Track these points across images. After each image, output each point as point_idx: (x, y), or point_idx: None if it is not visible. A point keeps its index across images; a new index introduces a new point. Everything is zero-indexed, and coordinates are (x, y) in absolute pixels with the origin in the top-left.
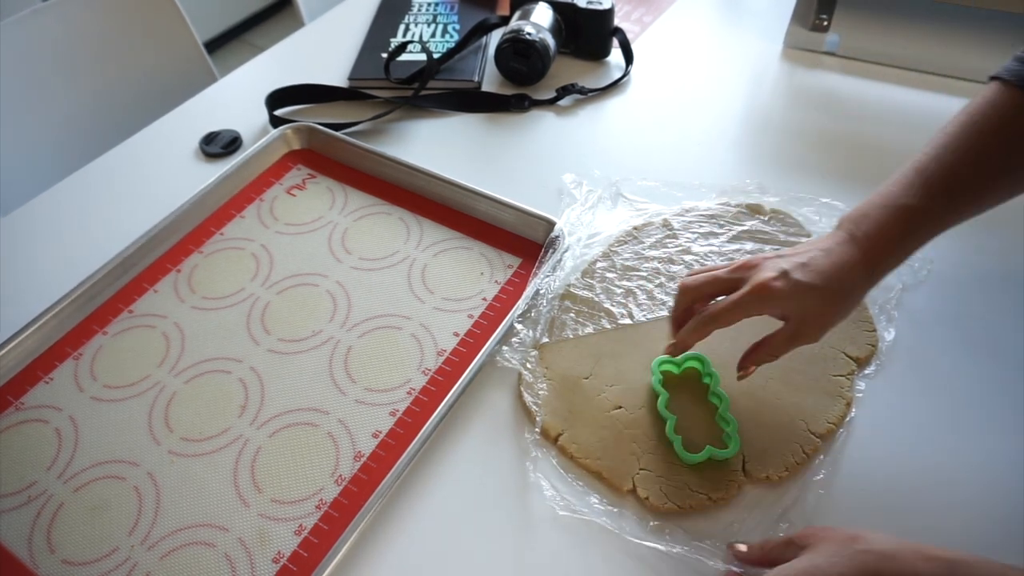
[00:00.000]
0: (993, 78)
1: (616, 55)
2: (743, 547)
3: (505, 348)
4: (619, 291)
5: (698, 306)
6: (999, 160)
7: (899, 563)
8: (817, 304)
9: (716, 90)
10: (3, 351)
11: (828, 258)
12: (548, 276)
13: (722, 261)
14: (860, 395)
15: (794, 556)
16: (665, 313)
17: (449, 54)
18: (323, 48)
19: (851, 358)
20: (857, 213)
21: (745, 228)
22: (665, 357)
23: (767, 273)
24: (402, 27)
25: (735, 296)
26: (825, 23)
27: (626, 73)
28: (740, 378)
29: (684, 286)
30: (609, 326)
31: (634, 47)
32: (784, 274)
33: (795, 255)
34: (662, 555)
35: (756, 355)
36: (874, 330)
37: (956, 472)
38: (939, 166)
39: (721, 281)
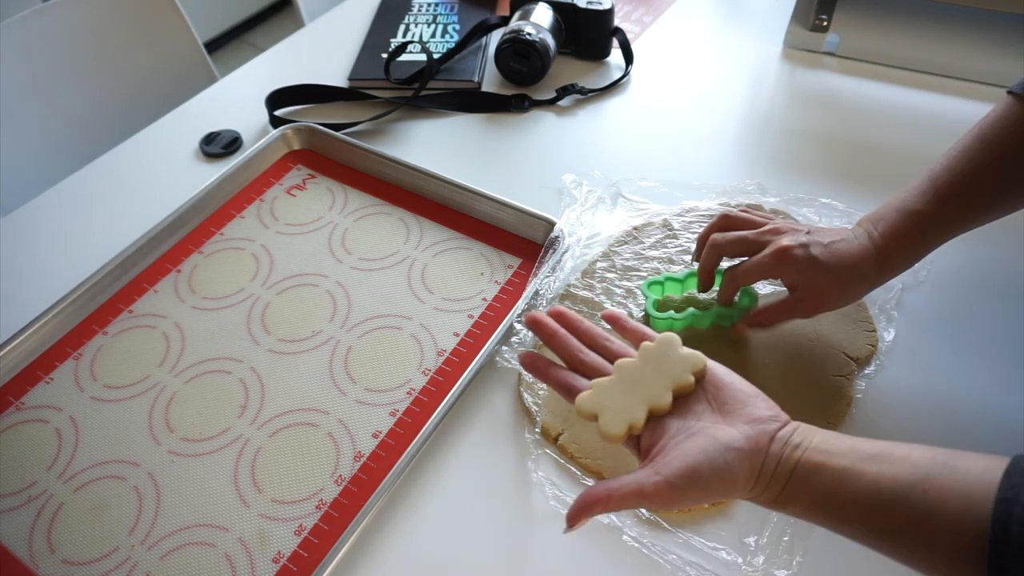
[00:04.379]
0: (1009, 92)
1: (616, 55)
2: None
3: (505, 348)
4: (619, 291)
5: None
6: (1008, 171)
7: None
8: (825, 283)
9: (716, 90)
10: (3, 351)
11: (847, 246)
12: (548, 276)
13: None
14: (860, 395)
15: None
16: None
17: (449, 54)
18: (323, 48)
19: (851, 358)
20: (875, 215)
21: None
22: (654, 278)
23: (789, 241)
24: (402, 27)
25: (757, 258)
26: (825, 23)
27: (626, 73)
28: (733, 331)
29: (714, 243)
30: (609, 326)
31: (634, 47)
32: (804, 246)
33: (820, 234)
34: (662, 556)
35: (757, 318)
36: (874, 330)
37: None
38: (950, 175)
39: (748, 242)
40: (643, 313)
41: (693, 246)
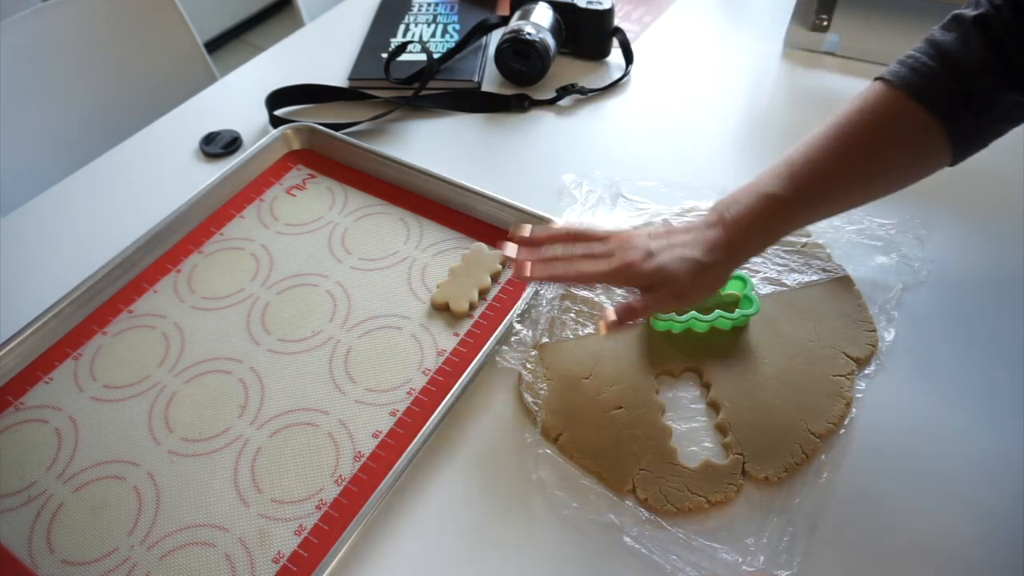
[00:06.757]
0: (878, 78)
1: (616, 55)
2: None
3: (505, 348)
4: (619, 291)
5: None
6: (859, 160)
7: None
8: (677, 281)
9: (716, 90)
10: (3, 351)
11: (695, 239)
12: None
13: None
14: (860, 395)
15: None
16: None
17: (449, 54)
18: (323, 48)
19: (851, 358)
20: (730, 198)
21: None
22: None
23: (633, 255)
24: (402, 27)
25: (603, 266)
26: (825, 23)
27: (626, 73)
28: (603, 329)
29: (568, 233)
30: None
31: (634, 47)
32: (648, 255)
33: (665, 235)
34: (662, 556)
35: (620, 318)
36: (874, 330)
37: (957, 471)
38: (805, 160)
39: (595, 253)
40: None
41: None
